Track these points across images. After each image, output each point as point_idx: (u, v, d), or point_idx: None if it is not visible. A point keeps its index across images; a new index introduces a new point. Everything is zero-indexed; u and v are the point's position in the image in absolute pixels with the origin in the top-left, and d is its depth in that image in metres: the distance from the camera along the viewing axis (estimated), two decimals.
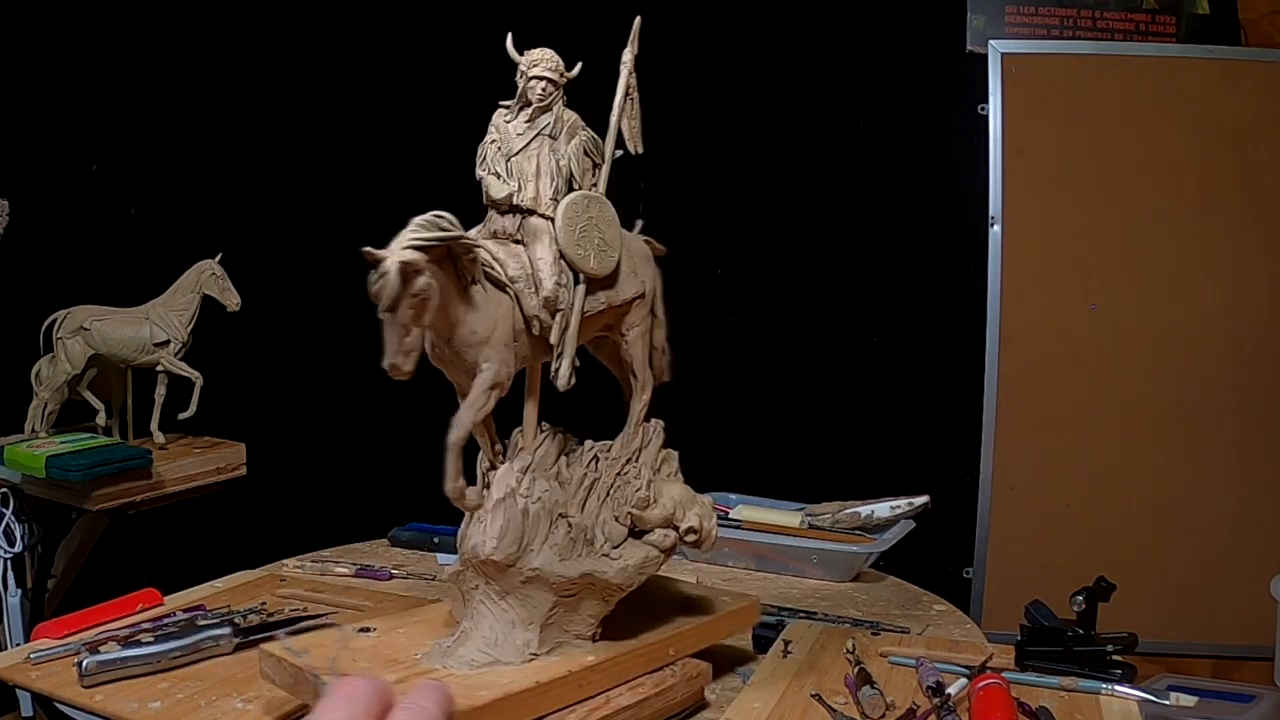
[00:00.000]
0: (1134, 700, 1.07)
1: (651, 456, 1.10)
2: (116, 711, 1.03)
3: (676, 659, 1.09)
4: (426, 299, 0.90)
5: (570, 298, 1.03)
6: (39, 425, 2.03)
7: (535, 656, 1.00)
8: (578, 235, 1.03)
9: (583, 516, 1.03)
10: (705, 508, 1.10)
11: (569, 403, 1.06)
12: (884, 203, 2.51)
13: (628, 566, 1.03)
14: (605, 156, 1.08)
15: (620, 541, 1.04)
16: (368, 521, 1.74)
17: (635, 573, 1.04)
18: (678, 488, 1.10)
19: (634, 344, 1.11)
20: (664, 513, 1.06)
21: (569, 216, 1.03)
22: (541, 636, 1.01)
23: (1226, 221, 2.38)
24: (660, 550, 1.06)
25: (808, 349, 2.54)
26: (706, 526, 1.09)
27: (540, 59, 1.05)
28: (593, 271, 1.05)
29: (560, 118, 1.06)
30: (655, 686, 1.04)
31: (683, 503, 1.08)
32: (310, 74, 2.56)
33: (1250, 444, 2.40)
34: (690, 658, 1.10)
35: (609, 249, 1.06)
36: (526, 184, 1.05)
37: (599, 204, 1.06)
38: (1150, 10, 2.45)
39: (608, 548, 1.03)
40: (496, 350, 0.99)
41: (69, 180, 2.47)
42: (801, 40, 2.52)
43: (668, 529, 1.07)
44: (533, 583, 1.00)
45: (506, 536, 0.99)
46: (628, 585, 1.04)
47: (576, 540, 1.01)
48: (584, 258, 1.04)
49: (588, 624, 1.04)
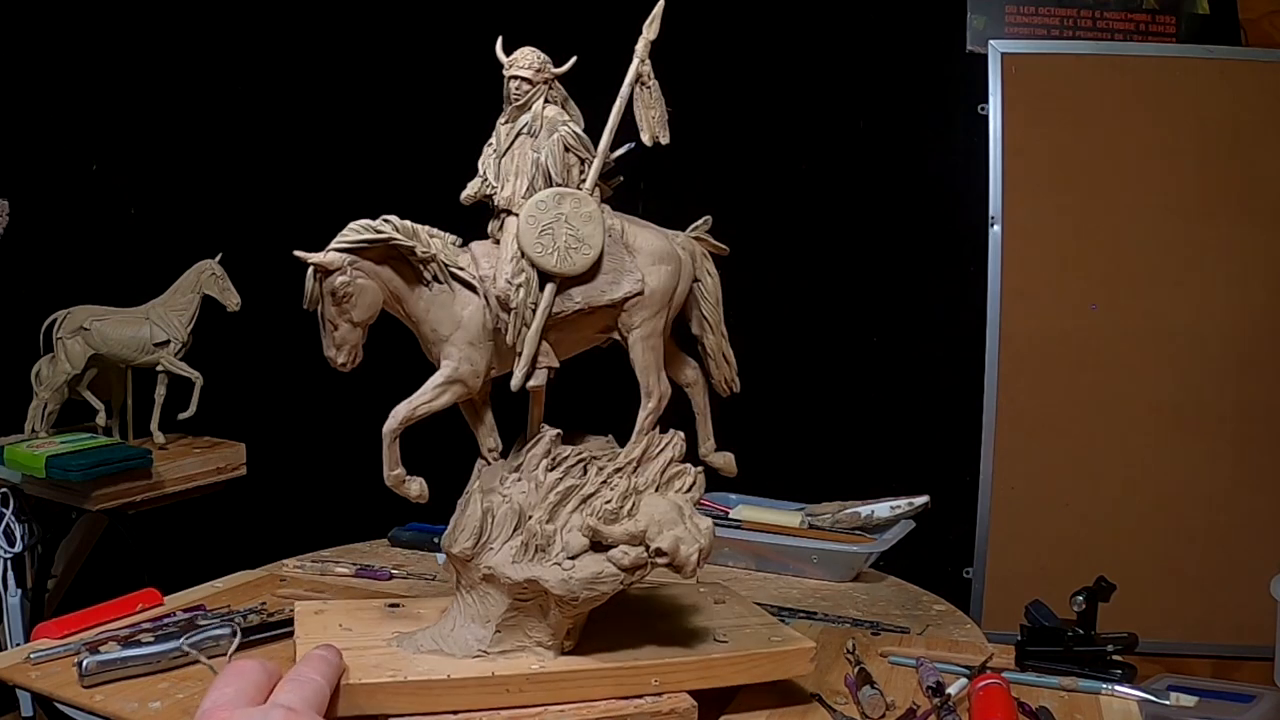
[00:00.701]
0: (1134, 700, 1.07)
1: (656, 470, 1.03)
2: (116, 711, 1.03)
3: (661, 691, 0.99)
4: (345, 297, 0.97)
5: (530, 297, 1.02)
6: (39, 425, 2.03)
7: (484, 654, 0.98)
8: (539, 232, 1.02)
9: (548, 523, 0.98)
10: (696, 532, 0.98)
11: (591, 405, 1.05)
12: (884, 203, 2.51)
13: (571, 579, 0.95)
14: (599, 150, 1.05)
15: (579, 552, 0.97)
16: (368, 521, 1.74)
17: (581, 587, 0.95)
18: (665, 505, 1.00)
19: (634, 347, 1.07)
20: (631, 529, 0.97)
21: (532, 214, 1.02)
22: (497, 636, 0.99)
23: (1226, 221, 2.38)
24: (619, 568, 0.96)
25: (808, 349, 2.54)
26: (684, 552, 0.96)
27: (517, 58, 1.05)
28: (555, 270, 1.02)
29: (539, 115, 1.05)
30: (605, 712, 0.97)
31: (663, 521, 0.97)
32: (310, 74, 2.56)
33: (1250, 444, 2.40)
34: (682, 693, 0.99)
35: (581, 246, 1.03)
36: (506, 183, 1.05)
37: (574, 200, 1.04)
38: (1150, 10, 2.45)
39: (562, 557, 0.96)
40: (457, 348, 1.02)
41: (69, 180, 2.47)
42: (802, 40, 2.52)
43: (635, 547, 0.96)
44: (489, 581, 0.99)
45: (465, 531, 0.99)
46: (570, 598, 0.95)
47: (529, 545, 0.98)
48: (543, 255, 1.02)
49: (549, 633, 0.99)
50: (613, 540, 0.96)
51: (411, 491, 1.04)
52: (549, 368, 1.04)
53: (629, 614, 1.09)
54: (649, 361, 1.07)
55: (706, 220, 1.12)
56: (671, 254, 1.08)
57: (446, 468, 1.08)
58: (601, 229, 1.04)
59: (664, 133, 1.07)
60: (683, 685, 1.00)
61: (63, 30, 2.42)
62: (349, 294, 0.98)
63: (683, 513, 1.00)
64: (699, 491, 1.04)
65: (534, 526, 0.98)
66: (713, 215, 1.12)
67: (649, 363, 1.07)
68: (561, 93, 1.07)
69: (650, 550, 0.96)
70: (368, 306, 0.99)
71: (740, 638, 1.06)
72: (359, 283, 0.98)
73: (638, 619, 1.08)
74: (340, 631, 1.04)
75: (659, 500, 1.01)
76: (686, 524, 0.99)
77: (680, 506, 1.00)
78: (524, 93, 1.05)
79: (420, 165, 2.01)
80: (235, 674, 0.73)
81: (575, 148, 1.05)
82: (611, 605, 1.07)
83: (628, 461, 1.03)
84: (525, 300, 1.02)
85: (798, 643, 1.05)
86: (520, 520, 0.99)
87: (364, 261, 0.99)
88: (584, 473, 1.02)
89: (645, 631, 1.05)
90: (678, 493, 1.02)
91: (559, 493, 0.99)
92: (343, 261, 0.97)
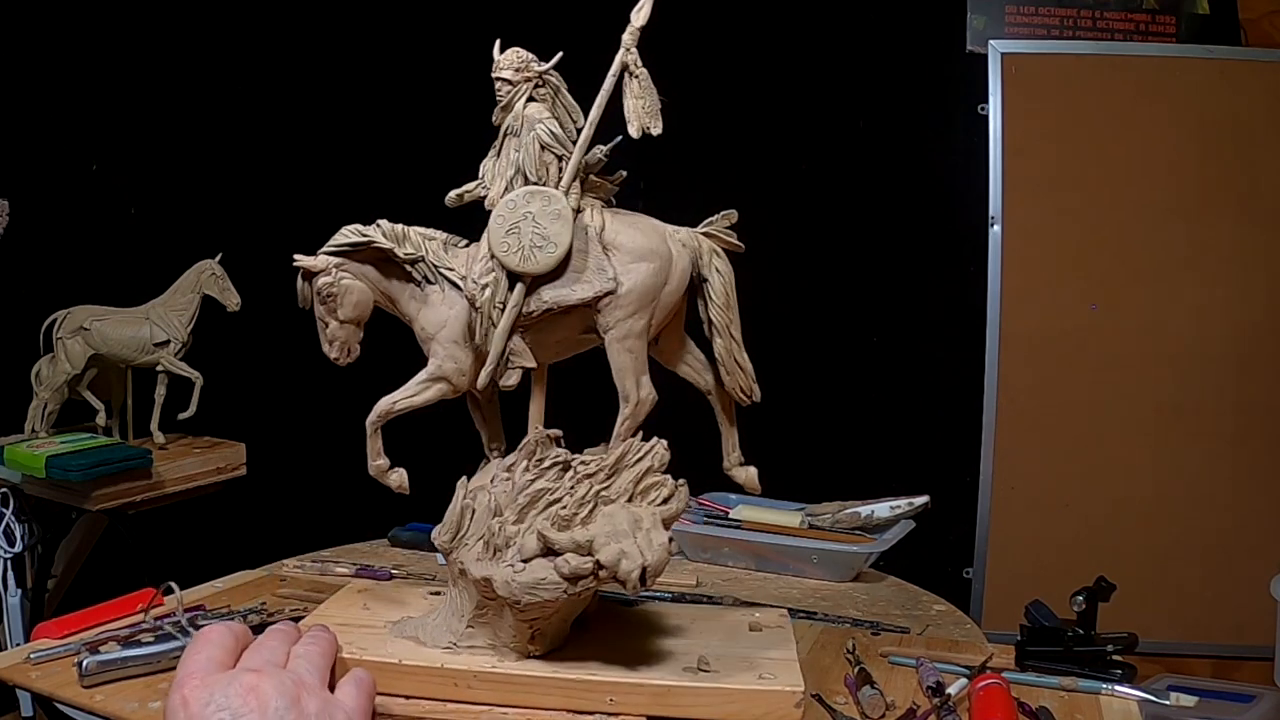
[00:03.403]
0: (1134, 700, 1.07)
1: (631, 477, 0.97)
2: (116, 711, 1.03)
3: (615, 713, 0.94)
4: (330, 297, 1.04)
5: (498, 296, 1.03)
6: (39, 425, 2.03)
7: (452, 647, 0.99)
8: (505, 231, 1.02)
9: (518, 523, 0.96)
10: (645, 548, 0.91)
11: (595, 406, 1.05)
12: (884, 203, 2.51)
13: (513, 582, 0.92)
14: (576, 147, 1.03)
15: (531, 556, 0.93)
16: (368, 521, 1.74)
17: (522, 591, 0.92)
18: (624, 516, 0.94)
19: (610, 349, 1.04)
20: (577, 538, 0.92)
21: (501, 213, 1.03)
22: (468, 632, 0.99)
23: (1226, 221, 2.38)
24: (561, 576, 0.91)
25: (808, 349, 2.54)
26: (624, 567, 0.89)
27: (500, 60, 1.05)
28: (518, 269, 1.02)
29: (519, 114, 1.05)
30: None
31: (615, 534, 0.92)
32: (310, 74, 2.56)
33: (1250, 444, 2.40)
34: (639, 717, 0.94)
35: (546, 244, 1.01)
36: (493, 184, 1.05)
37: (544, 198, 1.02)
38: (1150, 10, 2.45)
39: (516, 559, 0.94)
40: (443, 346, 1.06)
41: (69, 180, 2.48)
42: (802, 40, 2.52)
43: (580, 556, 0.91)
44: (464, 577, 0.99)
45: (446, 525, 1.01)
46: (511, 600, 0.93)
47: (489, 544, 0.97)
48: (507, 254, 1.02)
49: (513, 635, 0.97)
50: (560, 547, 0.92)
51: (392, 481, 1.09)
52: (523, 367, 1.04)
53: (625, 629, 1.06)
54: (625, 364, 1.04)
55: (727, 215, 1.08)
56: (656, 251, 1.04)
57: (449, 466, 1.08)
58: (569, 227, 1.02)
59: (655, 123, 1.03)
60: (638, 709, 0.94)
61: (62, 30, 2.42)
62: (334, 294, 1.05)
63: (640, 525, 0.93)
64: (679, 504, 0.98)
65: (495, 526, 0.96)
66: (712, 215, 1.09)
67: (624, 365, 1.04)
68: (553, 87, 1.06)
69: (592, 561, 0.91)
70: (354, 306, 1.05)
71: (732, 671, 0.97)
72: (344, 283, 1.05)
73: (629, 636, 1.04)
74: (360, 611, 1.08)
75: (620, 511, 0.95)
76: (639, 538, 0.92)
77: (640, 519, 0.94)
78: (506, 93, 1.05)
79: (420, 165, 2.01)
80: (204, 641, 0.79)
81: (550, 145, 1.04)
82: (609, 618, 1.07)
83: (599, 468, 0.97)
84: (492, 299, 1.02)
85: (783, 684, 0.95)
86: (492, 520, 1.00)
87: (351, 264, 1.05)
88: (560, 476, 0.98)
89: (626, 650, 1.00)
90: (650, 504, 0.96)
91: (529, 494, 0.96)
92: (327, 264, 1.04)
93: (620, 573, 0.89)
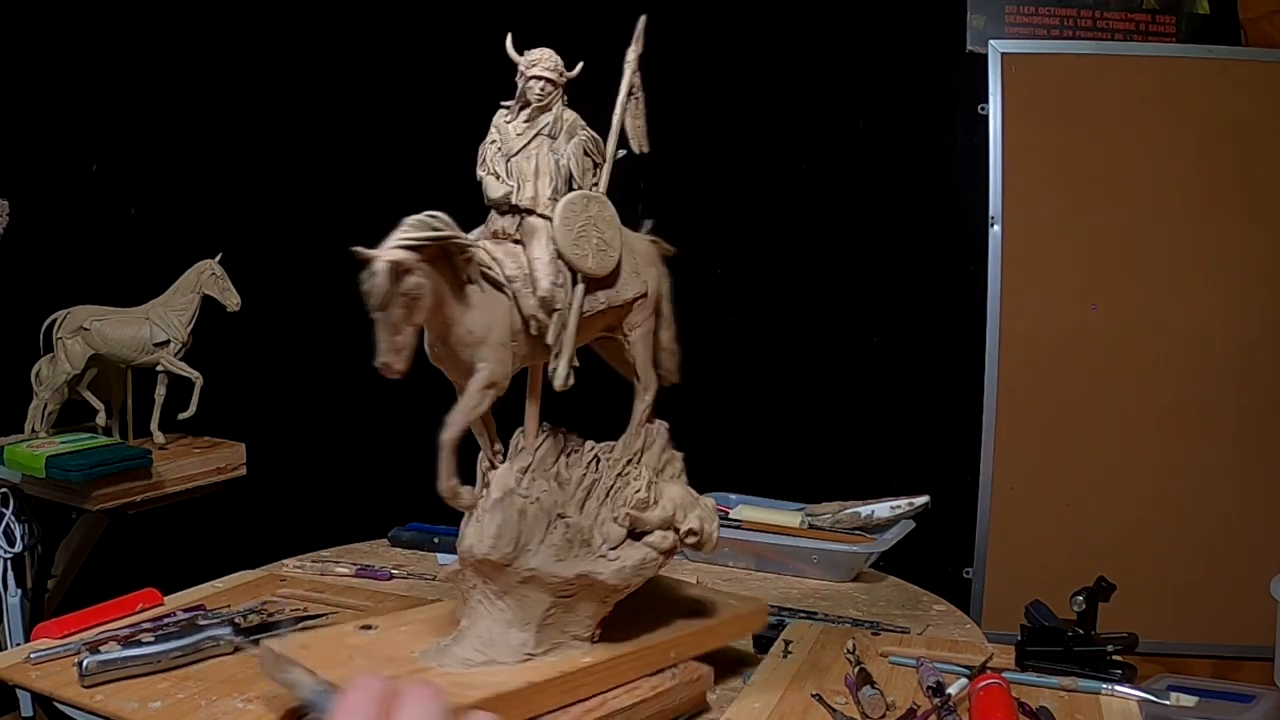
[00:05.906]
0: (1134, 700, 1.07)
1: (654, 458, 1.09)
2: (116, 711, 1.03)
3: (677, 662, 1.08)
4: (417, 298, 0.91)
5: (567, 297, 1.03)
6: (39, 425, 2.03)
7: (531, 657, 1.00)
8: (575, 235, 1.03)
9: (581, 517, 1.02)
10: (707, 510, 1.10)
11: (572, 402, 1.06)
12: (884, 203, 2.51)
13: (625, 568, 1.02)
14: (607, 156, 1.07)
15: (618, 543, 1.03)
16: (368, 521, 1.74)
17: (632, 574, 1.03)
18: (679, 489, 1.09)
19: (636, 345, 1.10)
20: (664, 514, 1.06)
21: (567, 216, 1.03)
22: (538, 637, 1.01)
23: (1226, 221, 2.38)
24: (659, 552, 1.05)
25: (808, 349, 2.54)
26: (708, 529, 1.08)
27: (539, 59, 1.05)
28: (591, 271, 1.04)
29: (559, 117, 1.05)
30: (653, 689, 1.04)
31: (684, 505, 1.07)
32: (310, 74, 2.56)
33: (1250, 444, 2.40)
34: (692, 661, 1.09)
35: (608, 249, 1.05)
36: (525, 184, 1.04)
37: (598, 203, 1.05)
38: (1150, 10, 2.45)
39: (605, 549, 1.02)
40: (493, 350, 0.99)
41: (69, 180, 2.47)
42: (802, 41, 2.52)
43: (667, 531, 1.06)
44: (529, 583, 1.00)
45: (503, 536, 0.98)
46: (624, 586, 1.03)
47: (573, 541, 1.01)
48: (582, 257, 1.03)
49: (585, 625, 1.04)
50: (650, 527, 1.05)
51: (464, 503, 1.02)
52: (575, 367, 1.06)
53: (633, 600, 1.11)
54: (644, 357, 1.11)
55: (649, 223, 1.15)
56: (654, 255, 1.12)
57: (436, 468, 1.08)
58: (619, 232, 1.07)
59: (646, 143, 1.09)
60: (693, 653, 1.09)
61: (62, 30, 2.42)
62: (420, 295, 0.91)
63: (691, 493, 1.09)
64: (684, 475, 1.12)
65: (568, 523, 1.01)
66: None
67: (644, 358, 1.11)
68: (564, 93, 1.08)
69: (681, 532, 1.06)
70: (428, 308, 0.93)
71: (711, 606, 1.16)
72: (424, 282, 0.91)
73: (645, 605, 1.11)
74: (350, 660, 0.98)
75: (672, 486, 1.09)
76: (701, 504, 1.09)
77: (689, 489, 1.10)
78: (547, 94, 1.05)
79: (419, 165, 2.01)
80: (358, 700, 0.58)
81: (593, 153, 1.07)
82: None
83: (635, 452, 1.08)
84: (567, 301, 1.03)
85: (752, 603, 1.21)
86: (551, 519, 1.01)
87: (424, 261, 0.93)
88: (597, 467, 1.06)
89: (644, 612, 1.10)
90: (673, 478, 1.10)
91: (585, 488, 1.04)
92: (415, 260, 0.91)
93: (704, 535, 1.08)
